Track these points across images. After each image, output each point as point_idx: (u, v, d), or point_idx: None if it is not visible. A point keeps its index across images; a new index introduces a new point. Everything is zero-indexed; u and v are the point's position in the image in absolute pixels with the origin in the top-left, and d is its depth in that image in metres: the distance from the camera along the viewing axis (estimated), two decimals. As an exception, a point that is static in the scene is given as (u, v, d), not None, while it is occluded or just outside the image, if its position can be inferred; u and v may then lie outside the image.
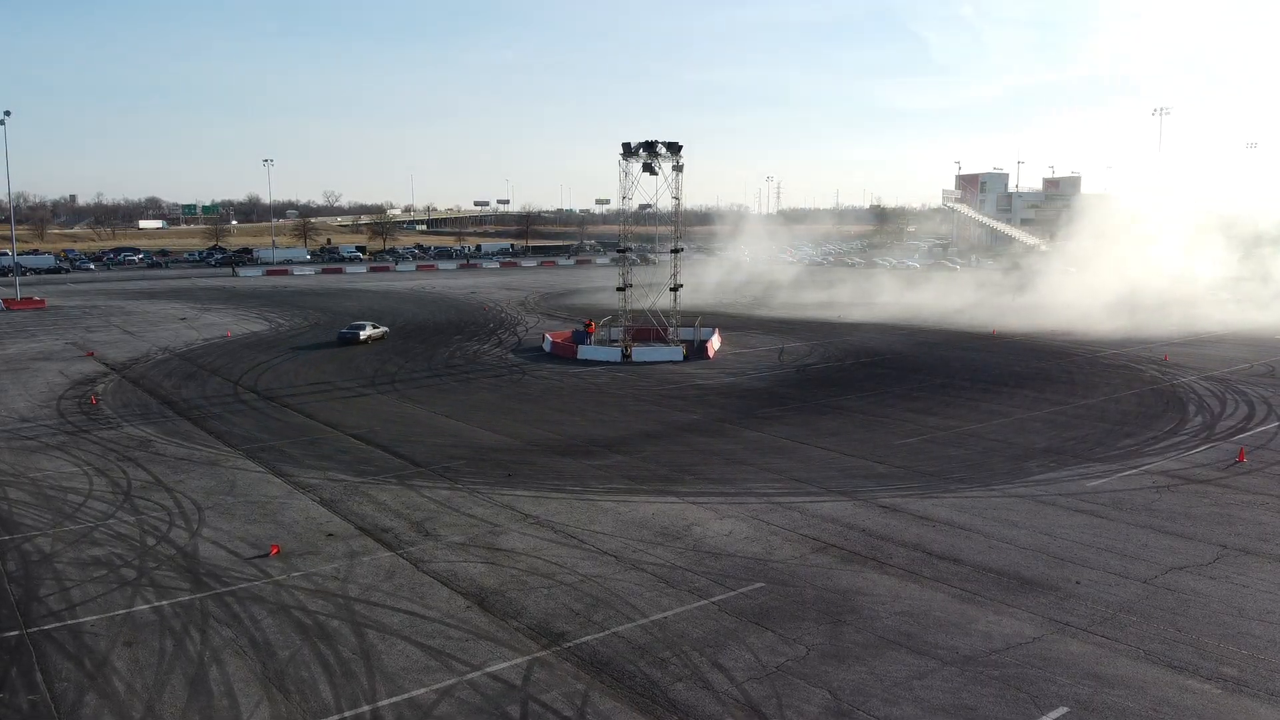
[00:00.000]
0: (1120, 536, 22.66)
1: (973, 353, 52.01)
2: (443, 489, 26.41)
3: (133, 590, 19.56)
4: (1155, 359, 49.12)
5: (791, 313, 72.42)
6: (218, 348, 55.19)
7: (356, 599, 18.90)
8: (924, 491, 26.16)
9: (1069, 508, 24.84)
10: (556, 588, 19.30)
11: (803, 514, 24.12)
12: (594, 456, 30.07)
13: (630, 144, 49.85)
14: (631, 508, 24.66)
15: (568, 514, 24.13)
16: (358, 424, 34.86)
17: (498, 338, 60.02)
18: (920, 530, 22.89)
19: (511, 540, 22.15)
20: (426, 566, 20.59)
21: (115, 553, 21.71)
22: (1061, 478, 27.59)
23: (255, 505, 25.11)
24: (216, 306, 79.48)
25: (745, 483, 27.01)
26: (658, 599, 18.71)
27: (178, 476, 27.90)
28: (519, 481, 27.19)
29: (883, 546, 21.75)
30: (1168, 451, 30.75)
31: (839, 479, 27.39)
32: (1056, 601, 18.81)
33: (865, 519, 23.73)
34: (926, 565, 20.63)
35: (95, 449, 31.29)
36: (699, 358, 50.83)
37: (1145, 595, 19.21)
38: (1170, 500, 25.58)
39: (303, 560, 21.04)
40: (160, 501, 25.55)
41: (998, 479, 27.46)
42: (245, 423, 35.27)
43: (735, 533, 22.65)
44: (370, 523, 23.56)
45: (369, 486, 26.74)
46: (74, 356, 51.89)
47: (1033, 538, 22.48)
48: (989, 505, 24.95)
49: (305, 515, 24.20)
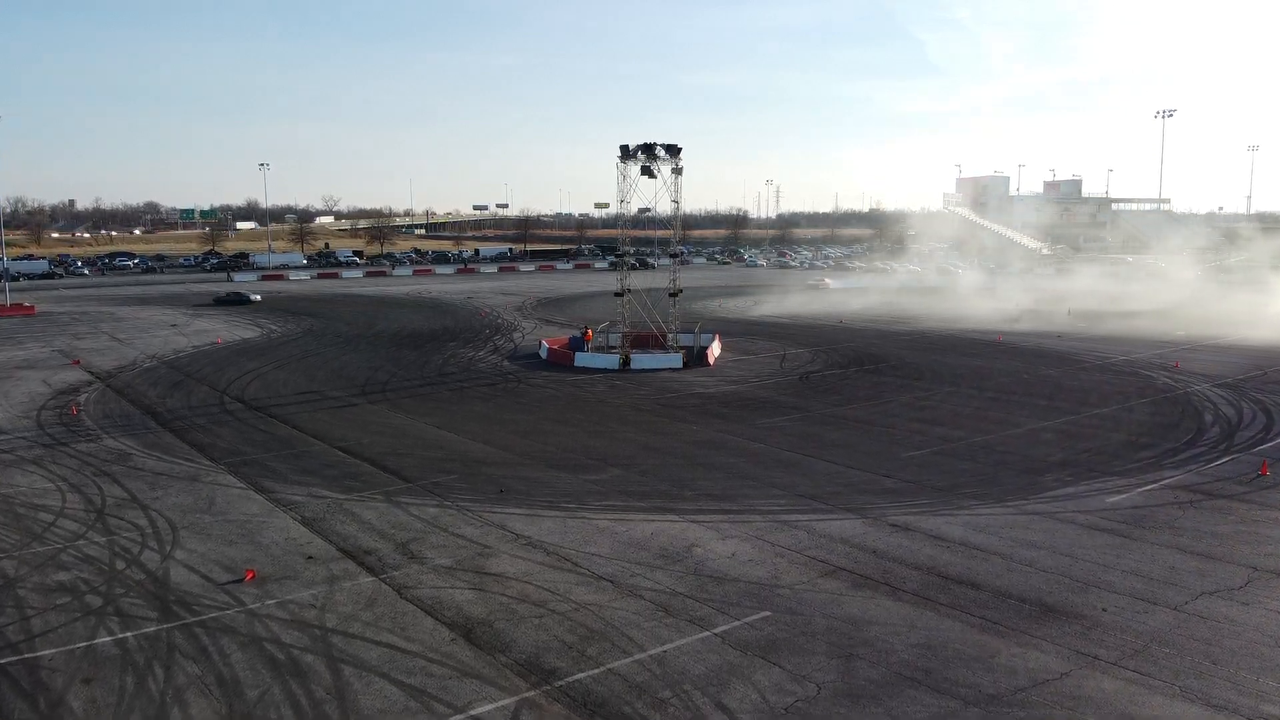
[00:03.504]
0: (1145, 558, 21.44)
1: (978, 359, 50.81)
2: (431, 506, 25.17)
3: (96, 620, 18.33)
4: (1166, 365, 47.94)
5: (793, 319, 71.26)
6: (207, 355, 53.97)
7: (334, 630, 17.66)
8: (936, 508, 24.93)
9: (1089, 526, 23.62)
10: (548, 617, 18.06)
11: (809, 533, 22.89)
12: (590, 471, 28.84)
13: (628, 146, 48.68)
14: (629, 527, 23.43)
15: (562, 534, 22.90)
16: (345, 436, 33.63)
17: (493, 344, 58.81)
18: (934, 551, 21.66)
19: (502, 563, 20.91)
20: (410, 593, 19.35)
21: (82, 577, 20.48)
22: (1079, 493, 26.37)
23: (233, 524, 23.87)
24: (209, 312, 78.25)
25: (748, 499, 25.78)
26: (657, 630, 17.47)
27: (155, 493, 26.67)
28: (511, 498, 25.96)
29: (895, 570, 20.52)
30: (1187, 464, 29.54)
31: (846, 494, 26.17)
32: (1083, 631, 17.58)
33: (875, 539, 22.50)
34: (942, 591, 19.40)
35: (72, 463, 30.06)
36: (699, 365, 49.62)
37: (1176, 624, 17.99)
38: (1194, 517, 24.36)
39: (279, 586, 19.80)
40: (134, 520, 24.32)
41: (1012, 494, 26.23)
42: (229, 434, 34.03)
43: (739, 554, 21.42)
44: (353, 544, 22.32)
45: (354, 504, 25.51)
46: (59, 364, 50.67)
47: (1053, 559, 21.25)
48: (1005, 524, 23.72)
49: (285, 536, 22.96)
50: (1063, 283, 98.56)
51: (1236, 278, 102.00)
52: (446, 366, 50.08)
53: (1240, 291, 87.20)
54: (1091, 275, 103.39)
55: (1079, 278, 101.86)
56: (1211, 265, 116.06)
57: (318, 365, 50.31)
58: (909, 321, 68.87)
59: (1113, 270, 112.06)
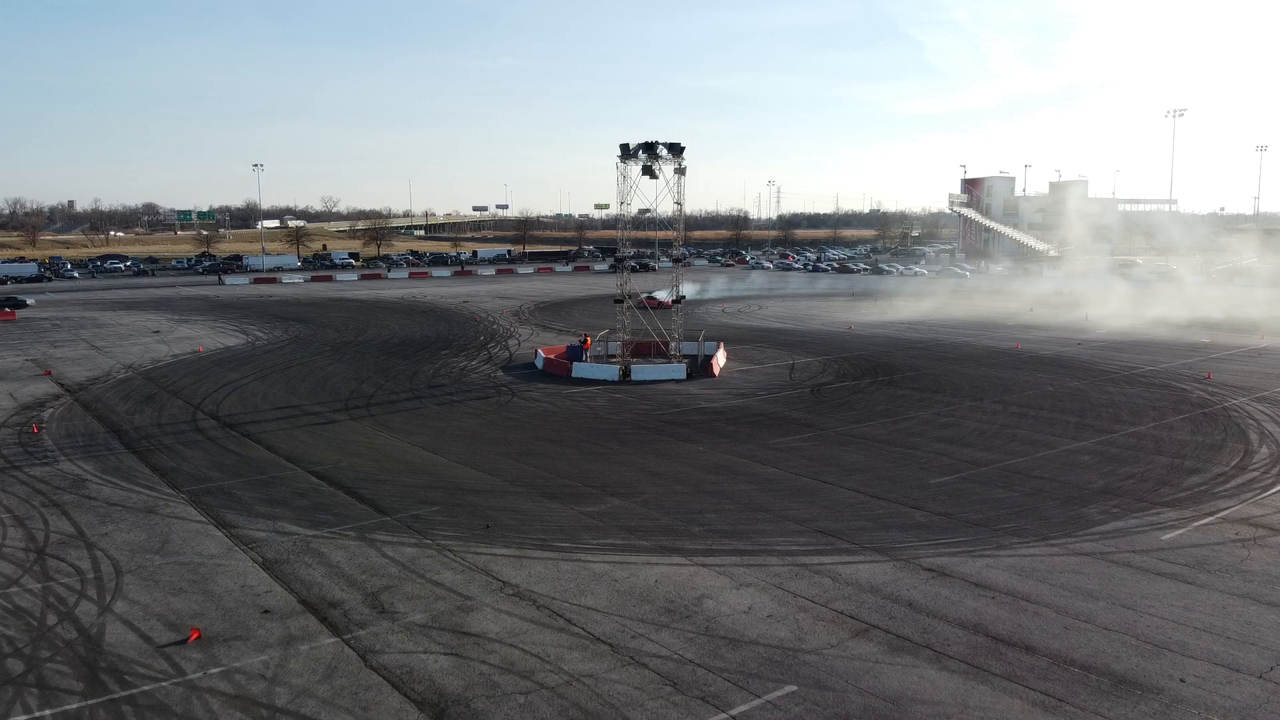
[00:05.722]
0: (1216, 610, 18.82)
1: (998, 369, 48.14)
2: (409, 545, 22.53)
3: (13, 693, 15.71)
4: (1197, 376, 45.29)
5: (804, 325, 68.55)
6: (186, 365, 51.32)
7: (284, 709, 15.02)
8: (973, 548, 22.29)
9: (1147, 569, 20.99)
10: (535, 693, 15.42)
11: (835, 580, 20.24)
12: (586, 500, 26.20)
13: (629, 145, 46.02)
14: (630, 572, 20.79)
15: (554, 581, 20.25)
16: (322, 458, 30.99)
17: (488, 352, 56.17)
18: (978, 604, 19.02)
19: (484, 620, 18.27)
20: (377, 659, 16.72)
21: (6, 635, 17.88)
22: (1129, 528, 23.74)
23: (185, 568, 21.24)
24: (195, 318, 75.62)
25: (763, 536, 23.13)
26: (663, 712, 14.82)
27: (104, 528, 24.04)
28: (498, 534, 23.33)
29: (936, 628, 17.89)
30: (1241, 492, 26.91)
31: (872, 530, 23.53)
32: (1162, 710, 14.95)
33: (910, 587, 19.85)
34: (993, 656, 16.76)
35: (21, 490, 27.46)
36: (703, 375, 46.98)
37: (1266, 696, 15.38)
38: (1262, 558, 21.74)
39: (227, 649, 17.17)
40: (76, 562, 21.70)
41: (1055, 530, 23.59)
42: (196, 457, 31.38)
43: (756, 608, 18.78)
44: (316, 594, 19.68)
45: (323, 542, 22.86)
46: (31, 375, 48.05)
47: (1113, 613, 18.63)
48: (1053, 567, 21.08)
49: (241, 583, 20.32)
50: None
51: (1252, 279, 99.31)
52: (437, 378, 47.44)
53: (1260, 292, 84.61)
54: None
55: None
56: (1224, 268, 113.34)
57: (301, 376, 47.67)
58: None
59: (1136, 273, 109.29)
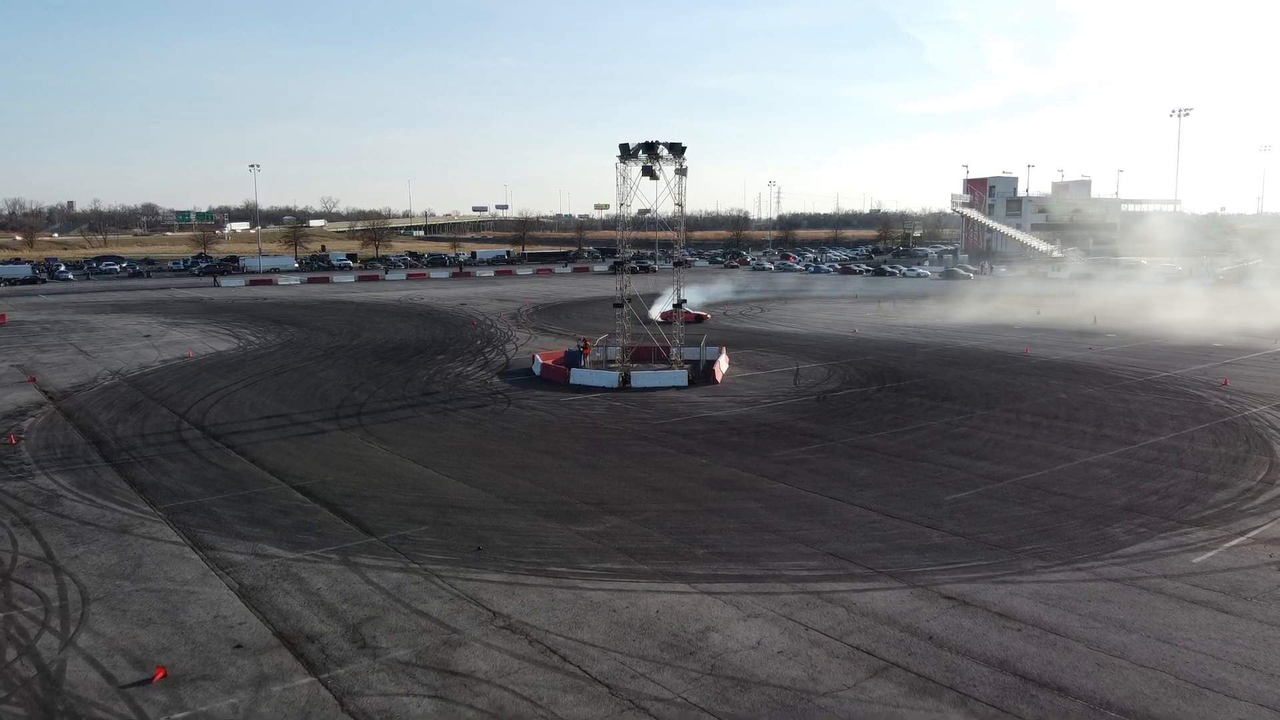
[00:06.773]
0: (1258, 644, 17.52)
1: (1008, 375, 46.84)
2: (394, 570, 21.23)
3: (-43, 740, 14.46)
4: (1213, 383, 43.99)
5: (803, 327, 67.25)
6: (174, 371, 50.04)
7: (250, 763, 13.76)
8: (995, 572, 20.99)
9: (1180, 597, 19.70)
10: (526, 744, 14.14)
11: (849, 610, 18.95)
12: (584, 519, 24.91)
13: (629, 145, 44.71)
14: (630, 600, 19.49)
15: (548, 611, 18.96)
16: (308, 472, 29.70)
17: (484, 357, 54.88)
18: (1003, 638, 17.72)
19: (472, 657, 16.97)
20: (355, 702, 15.42)
21: (-41, 672, 16.60)
22: (1157, 550, 22.44)
23: (157, 595, 19.95)
24: (187, 321, 74.35)
25: (771, 560, 21.83)
26: (665, 767, 13.56)
27: (75, 550, 22.76)
28: (490, 556, 22.04)
29: (960, 666, 16.58)
30: (1270, 509, 25.61)
31: (886, 553, 22.23)
32: (1211, 762, 13.68)
33: (929, 618, 18.55)
34: (1023, 699, 15.46)
35: (-8, 507, 26.19)
36: (705, 382, 45.69)
37: (1323, 745, 14.10)
38: (1301, 583, 20.45)
39: (193, 690, 15.87)
40: (42, 588, 20.42)
41: (1080, 552, 22.29)
42: (177, 471, 30.09)
43: (765, 643, 17.48)
44: (294, 626, 18.38)
45: (303, 566, 21.57)
46: (14, 382, 46.77)
47: (1148, 648, 17.33)
48: (1080, 594, 19.78)
49: (214, 613, 19.03)
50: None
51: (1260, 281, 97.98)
52: (431, 384, 46.15)
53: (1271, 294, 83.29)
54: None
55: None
56: (1232, 269, 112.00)
57: (292, 383, 46.38)
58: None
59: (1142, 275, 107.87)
